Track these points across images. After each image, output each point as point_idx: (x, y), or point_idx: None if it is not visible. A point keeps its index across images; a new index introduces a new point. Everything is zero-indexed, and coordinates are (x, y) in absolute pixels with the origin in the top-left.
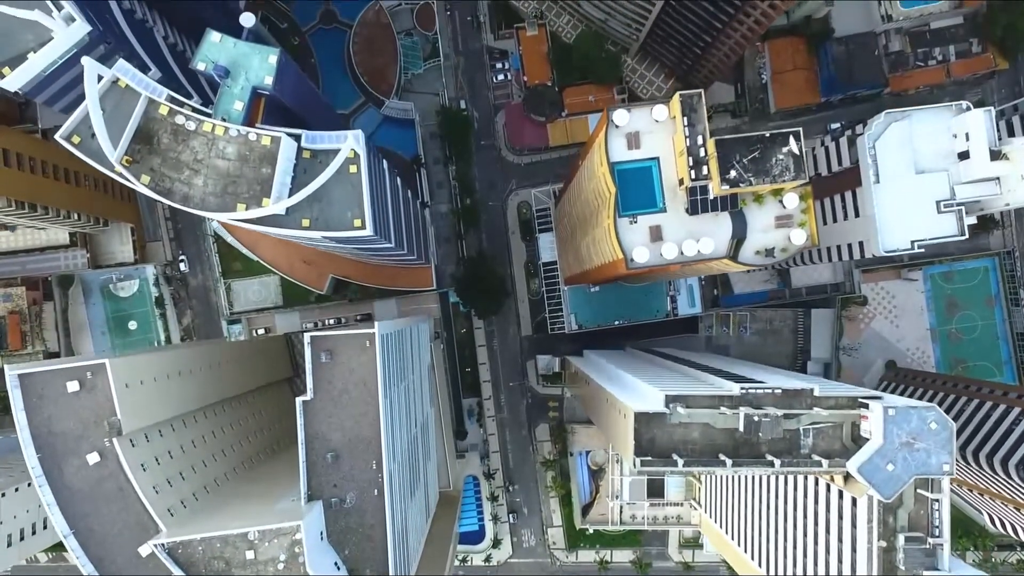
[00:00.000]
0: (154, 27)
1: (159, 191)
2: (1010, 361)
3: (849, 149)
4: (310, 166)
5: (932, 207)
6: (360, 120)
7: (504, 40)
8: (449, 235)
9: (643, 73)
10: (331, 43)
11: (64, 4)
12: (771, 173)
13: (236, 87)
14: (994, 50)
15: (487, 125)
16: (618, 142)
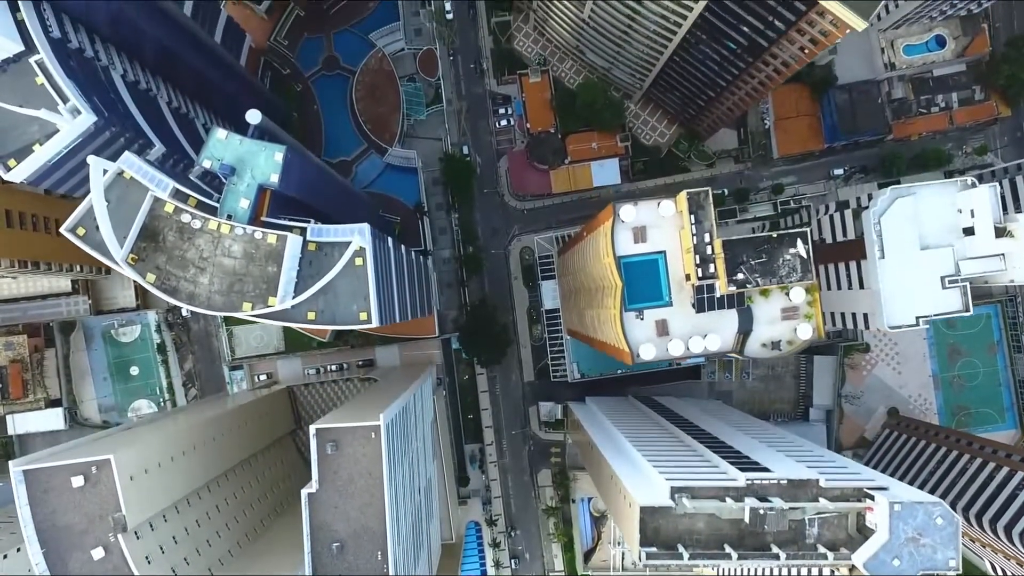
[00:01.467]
0: (157, 94)
1: (164, 289)
2: (1012, 408)
3: (854, 221)
4: (316, 258)
5: (937, 282)
6: (363, 166)
7: (507, 85)
8: (451, 281)
9: (646, 119)
10: (334, 89)
11: (69, 96)
12: (778, 274)
13: (242, 184)
14: (996, 97)
15: (490, 170)
16: (624, 236)
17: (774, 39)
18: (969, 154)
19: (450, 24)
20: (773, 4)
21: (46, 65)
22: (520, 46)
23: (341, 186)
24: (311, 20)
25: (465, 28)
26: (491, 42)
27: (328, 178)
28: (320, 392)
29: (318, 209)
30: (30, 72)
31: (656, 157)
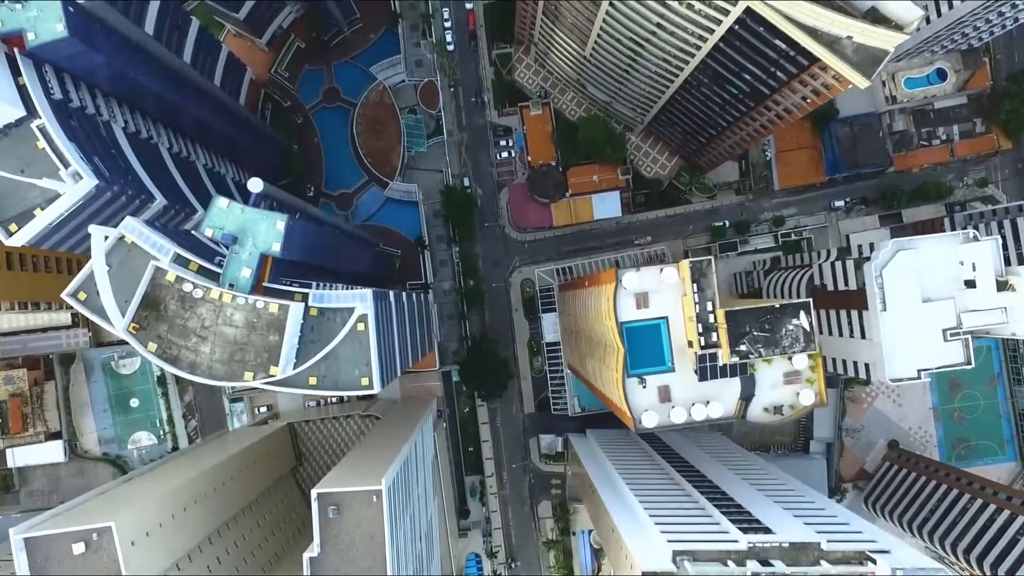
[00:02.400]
0: (158, 141)
1: (165, 358)
2: (1012, 440)
3: (856, 271)
4: (317, 323)
5: (938, 335)
6: (363, 198)
7: (508, 117)
8: (452, 312)
9: (647, 151)
10: (335, 121)
11: (70, 161)
12: (781, 344)
13: (244, 253)
14: (998, 130)
15: (491, 202)
16: (627, 301)
17: (776, 88)
18: (970, 186)
19: (451, 55)
20: (775, 56)
21: (47, 130)
22: (521, 77)
23: (342, 240)
24: (312, 52)
25: (466, 59)
26: (492, 73)
27: (330, 236)
28: (320, 428)
29: (321, 264)
30: (31, 137)
31: (657, 189)
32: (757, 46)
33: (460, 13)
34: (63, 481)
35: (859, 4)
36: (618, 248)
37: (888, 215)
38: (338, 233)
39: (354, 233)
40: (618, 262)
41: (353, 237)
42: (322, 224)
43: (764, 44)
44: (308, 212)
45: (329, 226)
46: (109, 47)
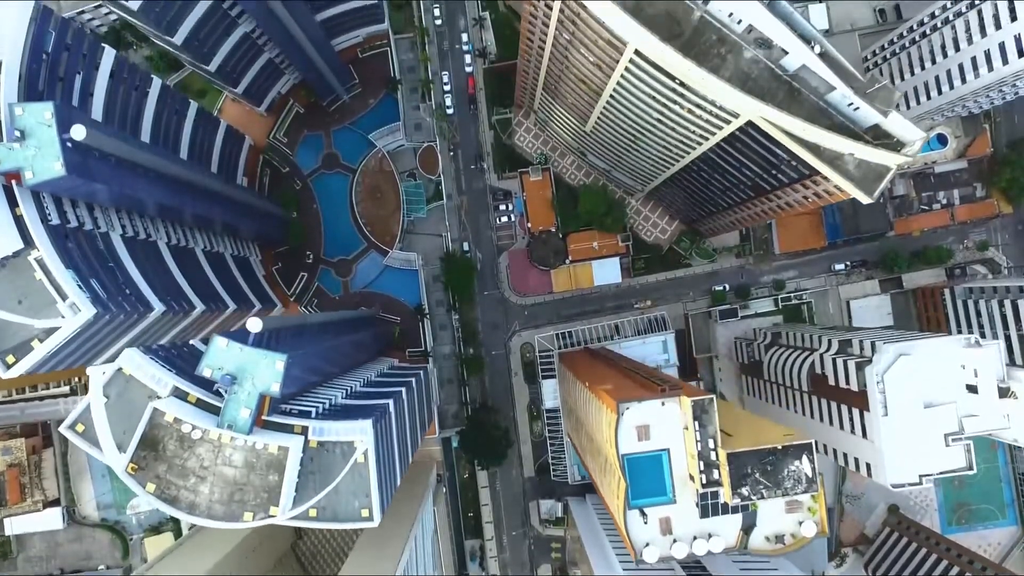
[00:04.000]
0: (157, 237)
1: (164, 499)
2: (1013, 504)
3: (857, 373)
4: (317, 455)
5: (940, 440)
6: (363, 264)
7: (508, 180)
8: (452, 376)
9: (647, 215)
10: (334, 187)
11: (68, 294)
12: (783, 486)
13: (243, 393)
14: (998, 195)
15: (490, 266)
16: (628, 433)
17: (778, 187)
18: (970, 248)
19: (450, 119)
20: (776, 161)
21: (45, 262)
22: (521, 141)
23: (343, 341)
24: (310, 117)
25: (466, 123)
26: (492, 137)
27: (330, 348)
28: None
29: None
30: (29, 268)
31: (657, 253)
32: (759, 151)
33: (460, 77)
34: (61, 547)
35: (862, 119)
36: (618, 312)
37: (888, 279)
38: (339, 337)
39: (354, 321)
40: (618, 327)
41: (354, 327)
42: (323, 333)
43: (766, 150)
44: (308, 324)
45: (331, 331)
46: (107, 174)
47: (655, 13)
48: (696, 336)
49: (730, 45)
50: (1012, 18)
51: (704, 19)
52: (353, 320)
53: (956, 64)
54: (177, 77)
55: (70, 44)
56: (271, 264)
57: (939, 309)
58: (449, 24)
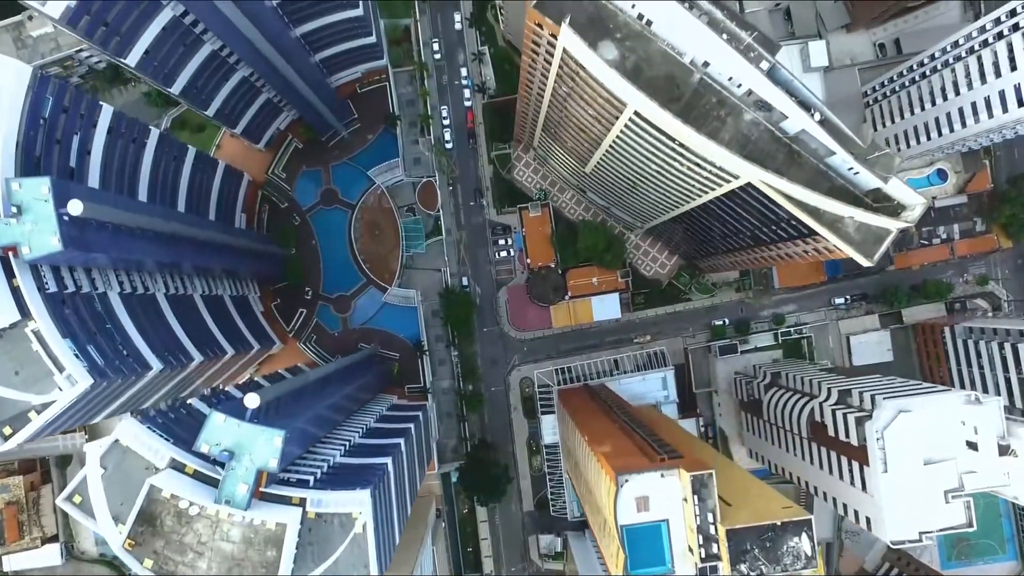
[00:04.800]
0: (155, 290)
1: (162, 575)
2: (1013, 539)
3: (857, 428)
4: (315, 526)
5: (940, 496)
6: (362, 300)
7: (507, 215)
8: (451, 410)
9: (647, 250)
10: (332, 223)
11: (65, 365)
12: (782, 562)
13: (240, 468)
14: (998, 230)
15: (490, 301)
16: (627, 505)
17: (777, 241)
18: (970, 282)
19: (449, 153)
20: (776, 219)
21: (42, 333)
22: (520, 176)
23: (342, 395)
24: (309, 153)
25: (465, 157)
26: (491, 171)
27: (329, 407)
28: None
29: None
30: (25, 339)
31: (657, 288)
32: (759, 208)
33: (459, 112)
34: None
35: (862, 183)
36: (617, 346)
37: (888, 314)
38: (339, 390)
39: (354, 367)
40: (617, 362)
41: (353, 375)
42: (323, 390)
43: (766, 208)
44: (307, 384)
45: (330, 386)
46: (105, 242)
47: (655, 75)
48: (696, 371)
49: (730, 107)
50: (1012, 67)
51: (704, 81)
52: (353, 366)
53: (956, 108)
54: (175, 112)
55: (68, 106)
56: (270, 300)
57: (939, 346)
58: (448, 59)
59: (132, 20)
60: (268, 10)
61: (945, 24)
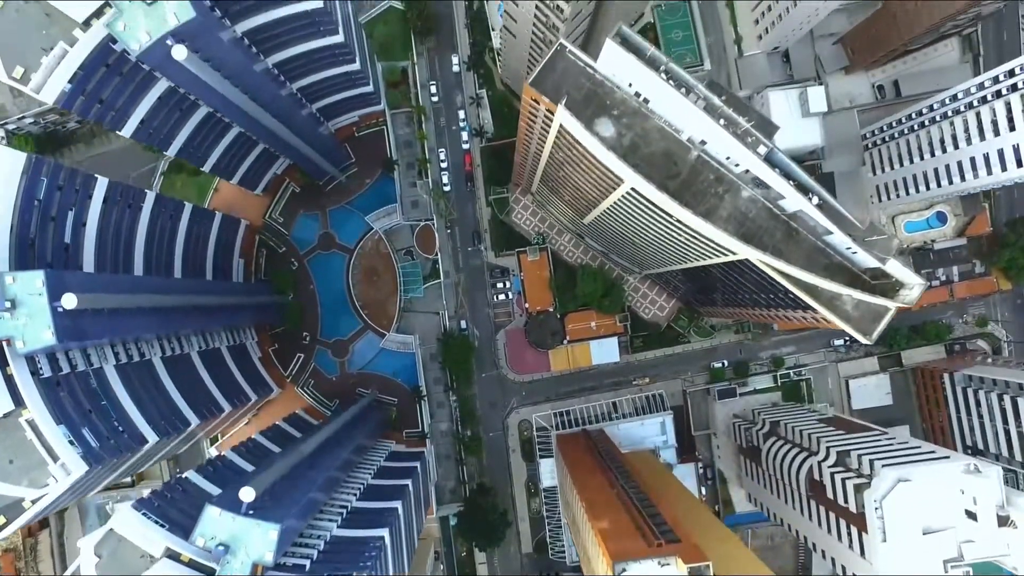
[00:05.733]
0: (151, 355)
1: None
2: None
3: (855, 495)
4: None
5: (939, 566)
6: (360, 345)
7: (505, 257)
8: (449, 452)
9: (645, 292)
10: (330, 267)
11: (59, 455)
12: None
13: (236, 562)
14: (997, 272)
15: (488, 343)
16: None
17: (776, 307)
18: (969, 323)
19: (447, 196)
20: (775, 290)
21: (36, 423)
22: (518, 219)
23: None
24: (306, 197)
25: (463, 200)
26: (489, 214)
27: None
28: None
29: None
30: (19, 428)
31: (655, 331)
32: (757, 279)
33: (457, 154)
34: None
35: (860, 260)
36: (616, 388)
37: (887, 356)
38: (337, 455)
39: (353, 423)
40: (615, 405)
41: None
42: (321, 459)
43: (765, 280)
44: (303, 457)
45: (329, 452)
46: (100, 328)
47: (652, 151)
48: (694, 413)
49: (728, 184)
50: (1011, 128)
51: (702, 158)
52: (350, 423)
53: (955, 161)
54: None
55: (63, 184)
56: (267, 345)
57: (939, 392)
58: (446, 101)
59: (127, 95)
60: (259, 77)
61: (944, 66)
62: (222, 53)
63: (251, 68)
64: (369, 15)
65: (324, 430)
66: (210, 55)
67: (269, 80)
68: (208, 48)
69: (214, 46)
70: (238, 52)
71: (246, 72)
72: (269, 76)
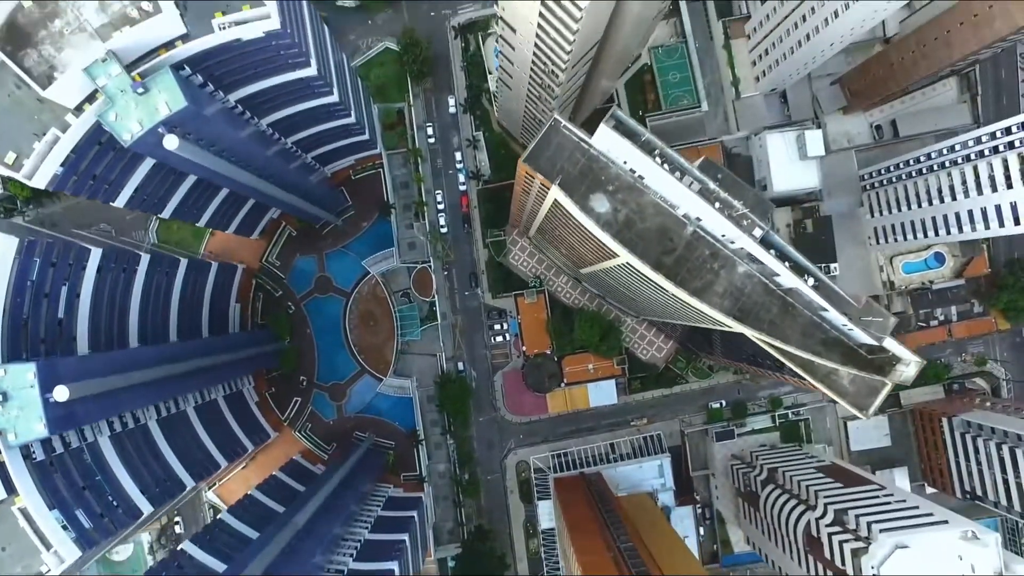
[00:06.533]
0: (147, 420)
1: None
2: None
3: (853, 559)
4: None
5: None
6: (357, 388)
7: (503, 299)
8: (447, 493)
9: (643, 333)
10: (327, 311)
11: (52, 543)
12: None
13: None
14: (996, 313)
15: (486, 384)
16: None
17: (774, 370)
18: (968, 361)
19: (444, 238)
20: (770, 359)
21: (28, 511)
22: (516, 260)
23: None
24: (303, 240)
25: (460, 241)
26: (486, 255)
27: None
28: None
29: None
30: (12, 516)
31: (653, 372)
32: (754, 346)
33: (453, 195)
34: None
35: (856, 335)
36: (614, 429)
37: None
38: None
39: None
40: (613, 446)
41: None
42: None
43: (761, 349)
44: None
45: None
46: (93, 412)
47: (648, 227)
48: (693, 453)
49: (723, 260)
50: (1008, 185)
51: (697, 234)
52: (349, 477)
53: (953, 212)
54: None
55: (56, 261)
56: (264, 388)
57: (937, 434)
58: (443, 142)
59: (120, 170)
60: (252, 147)
61: (942, 105)
62: (214, 132)
63: (244, 141)
64: (365, 57)
65: (323, 488)
66: (202, 136)
67: (263, 147)
68: (200, 130)
69: (206, 128)
70: (231, 129)
71: (238, 145)
72: (263, 142)
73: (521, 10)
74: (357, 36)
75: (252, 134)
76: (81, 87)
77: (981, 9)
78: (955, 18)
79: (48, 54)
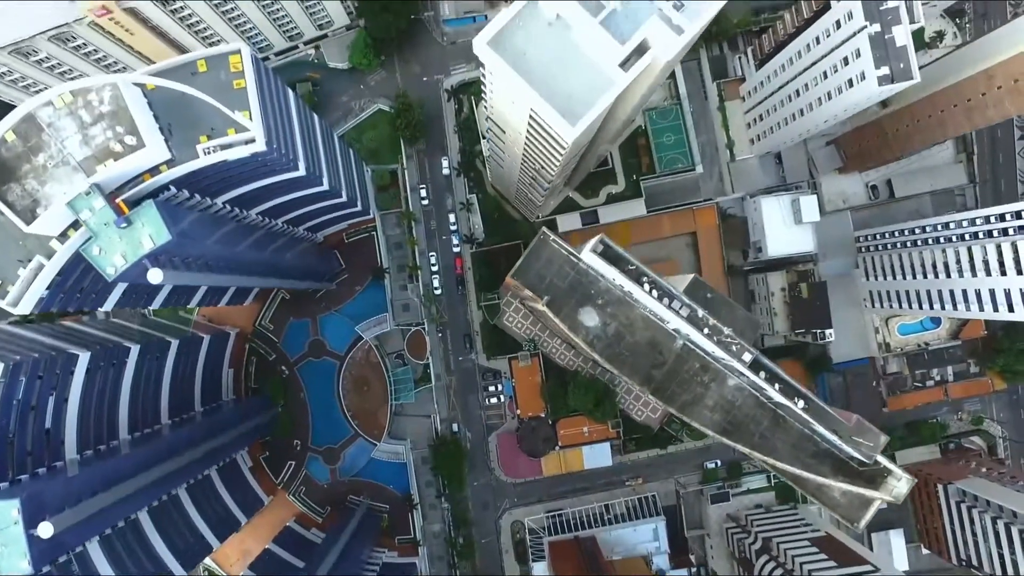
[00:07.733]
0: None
1: None
2: None
3: None
4: None
5: None
6: (351, 451)
7: (497, 360)
8: (442, 554)
9: (638, 395)
10: (321, 374)
11: None
12: None
13: None
14: (992, 374)
15: (480, 446)
16: None
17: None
18: (964, 420)
19: (438, 300)
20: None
21: None
22: (510, 322)
23: None
24: (296, 304)
25: (454, 303)
26: (480, 316)
27: None
28: None
29: None
30: None
31: (648, 433)
32: None
33: (447, 256)
34: None
35: (849, 450)
36: (609, 488)
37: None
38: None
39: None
40: (607, 507)
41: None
42: None
43: None
44: None
45: None
46: (81, 536)
47: (637, 340)
48: (688, 513)
49: (713, 373)
50: (1002, 272)
51: (687, 347)
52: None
53: (947, 289)
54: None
55: (43, 374)
56: (258, 453)
57: (933, 499)
58: (436, 204)
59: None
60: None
61: (937, 165)
62: (200, 251)
63: (231, 249)
64: (358, 119)
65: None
66: (188, 255)
67: (253, 250)
68: (186, 251)
69: (192, 249)
70: (218, 245)
71: (226, 254)
72: (254, 245)
73: (510, 118)
74: (349, 98)
75: (240, 232)
76: (65, 217)
77: (975, 95)
78: (949, 99)
79: (31, 188)
